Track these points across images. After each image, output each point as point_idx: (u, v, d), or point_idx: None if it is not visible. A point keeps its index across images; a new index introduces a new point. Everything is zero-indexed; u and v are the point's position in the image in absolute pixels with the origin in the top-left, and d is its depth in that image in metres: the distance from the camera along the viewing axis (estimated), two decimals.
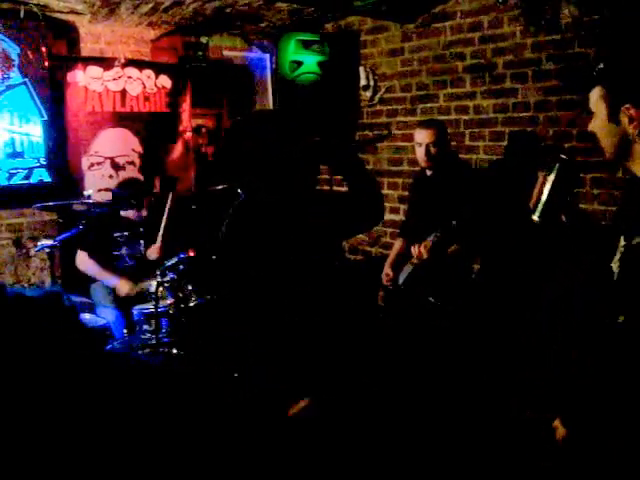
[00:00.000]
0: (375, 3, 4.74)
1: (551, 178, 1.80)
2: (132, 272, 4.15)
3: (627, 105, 1.45)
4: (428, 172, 3.97)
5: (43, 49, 4.52)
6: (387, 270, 4.08)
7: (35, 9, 4.45)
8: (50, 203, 3.95)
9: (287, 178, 2.39)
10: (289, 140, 2.39)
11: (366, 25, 5.52)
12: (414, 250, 3.76)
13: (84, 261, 4.19)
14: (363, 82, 5.56)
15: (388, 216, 5.39)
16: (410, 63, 5.21)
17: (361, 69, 5.57)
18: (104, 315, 3.98)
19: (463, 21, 4.77)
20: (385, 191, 5.53)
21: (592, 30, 4.04)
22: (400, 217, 5.16)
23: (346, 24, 5.67)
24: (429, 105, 5.10)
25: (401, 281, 3.97)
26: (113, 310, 4.00)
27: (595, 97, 1.52)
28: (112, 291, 4.10)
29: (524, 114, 4.45)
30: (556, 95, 4.25)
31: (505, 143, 4.56)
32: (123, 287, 4.06)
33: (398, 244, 4.23)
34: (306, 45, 5.27)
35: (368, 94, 5.56)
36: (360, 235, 5.53)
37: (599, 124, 1.52)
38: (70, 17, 4.75)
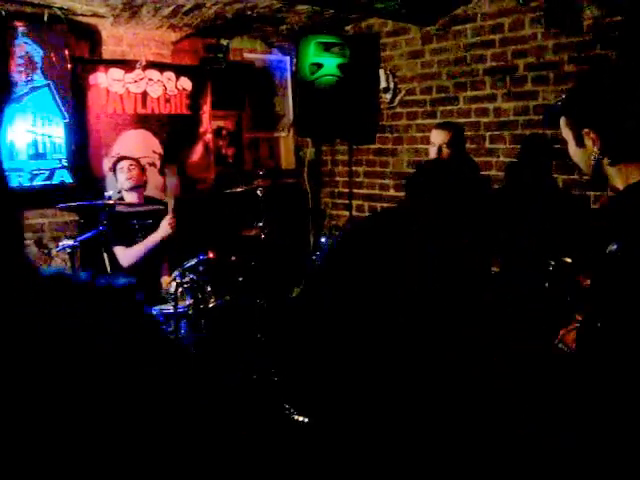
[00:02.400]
0: (396, 5, 4.73)
1: None
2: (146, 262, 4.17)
3: (586, 130, 1.57)
4: None
5: (66, 52, 4.58)
6: None
7: (59, 13, 4.51)
8: (73, 204, 3.99)
9: None
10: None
11: (386, 27, 5.52)
12: None
13: (126, 254, 4.12)
14: (383, 84, 5.56)
15: None
16: (430, 65, 5.20)
17: (381, 71, 5.57)
18: None
19: (484, 23, 4.75)
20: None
21: (614, 31, 4.01)
22: None
23: (367, 26, 5.67)
24: (449, 108, 5.08)
25: None
26: None
27: (563, 126, 1.66)
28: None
29: None
30: None
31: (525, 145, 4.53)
32: (166, 225, 4.10)
33: None
34: (326, 47, 5.28)
35: (388, 96, 5.56)
36: None
37: (572, 150, 1.65)
38: (93, 20, 4.80)
